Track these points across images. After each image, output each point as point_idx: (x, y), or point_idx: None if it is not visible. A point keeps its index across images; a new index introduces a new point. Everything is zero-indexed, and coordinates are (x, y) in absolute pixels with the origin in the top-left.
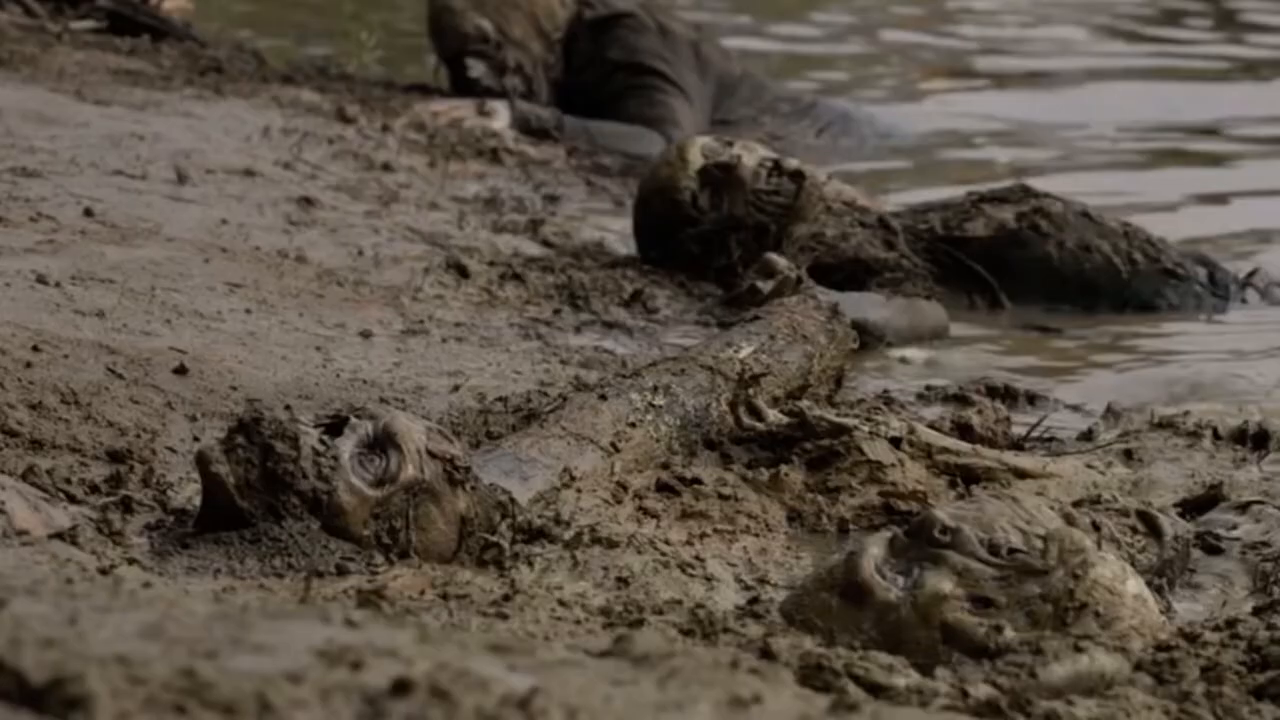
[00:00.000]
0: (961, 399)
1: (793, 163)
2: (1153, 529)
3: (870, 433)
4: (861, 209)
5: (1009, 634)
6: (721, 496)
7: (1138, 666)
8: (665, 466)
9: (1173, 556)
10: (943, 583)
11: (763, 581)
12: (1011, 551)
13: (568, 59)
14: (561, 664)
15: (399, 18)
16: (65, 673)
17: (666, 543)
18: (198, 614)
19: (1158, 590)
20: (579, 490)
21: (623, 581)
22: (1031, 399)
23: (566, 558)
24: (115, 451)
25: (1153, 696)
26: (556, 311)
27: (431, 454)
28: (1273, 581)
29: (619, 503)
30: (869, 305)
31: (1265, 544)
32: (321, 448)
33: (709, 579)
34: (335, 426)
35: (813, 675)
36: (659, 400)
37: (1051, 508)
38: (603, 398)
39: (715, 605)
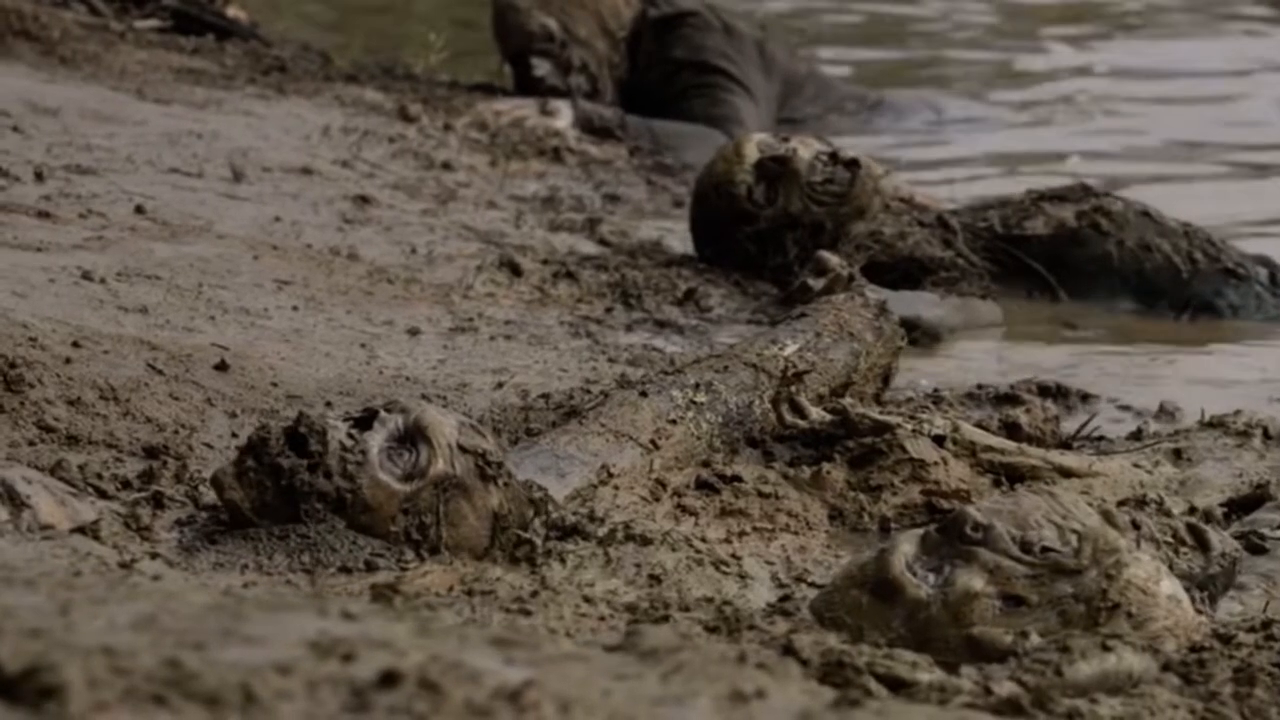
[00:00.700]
0: (1012, 398)
1: (849, 153)
2: (1201, 543)
3: (913, 431)
4: (920, 207)
5: (1034, 641)
6: (761, 494)
7: (1166, 667)
8: (706, 464)
9: (1218, 572)
10: (974, 580)
11: (800, 580)
12: (1045, 550)
13: (632, 58)
14: (565, 658)
15: (472, 16)
16: (41, 662)
17: (703, 540)
18: (194, 606)
19: (1201, 603)
20: (616, 487)
21: (655, 579)
22: (1084, 398)
23: (599, 555)
24: (152, 447)
25: (1180, 696)
26: (608, 310)
27: (463, 448)
28: None
29: (657, 500)
30: (923, 304)
31: None
32: (350, 442)
33: (743, 577)
34: (365, 420)
35: (834, 672)
36: (701, 397)
37: (1092, 505)
38: (643, 394)
39: (748, 603)
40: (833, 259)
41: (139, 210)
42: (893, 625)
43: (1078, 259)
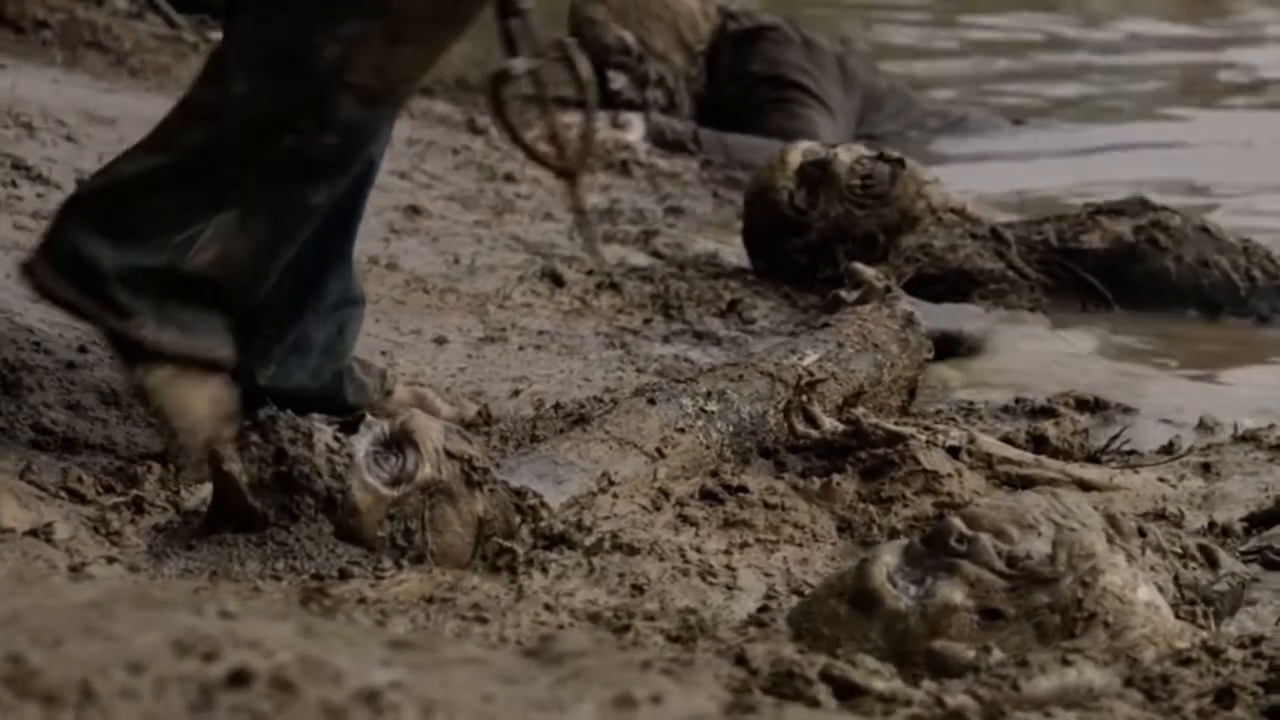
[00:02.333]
0: (1049, 412)
1: (894, 153)
2: (1211, 562)
3: (927, 442)
4: (972, 219)
5: (996, 656)
6: (768, 505)
7: (1128, 682)
8: (714, 474)
9: (1225, 591)
10: (955, 593)
11: (797, 593)
12: (1025, 558)
13: (711, 72)
14: (461, 662)
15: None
16: None
17: (698, 551)
18: (70, 603)
19: (1201, 616)
20: (616, 495)
21: (638, 589)
22: (1125, 411)
23: (583, 564)
24: (148, 453)
25: (1141, 711)
26: (647, 321)
27: (449, 454)
28: None
29: (658, 509)
30: (965, 318)
31: None
32: (336, 445)
33: (730, 588)
34: (351, 425)
35: (783, 681)
36: (711, 406)
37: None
38: (651, 402)
39: (732, 614)
40: (868, 271)
41: None
42: (870, 637)
43: (1135, 274)
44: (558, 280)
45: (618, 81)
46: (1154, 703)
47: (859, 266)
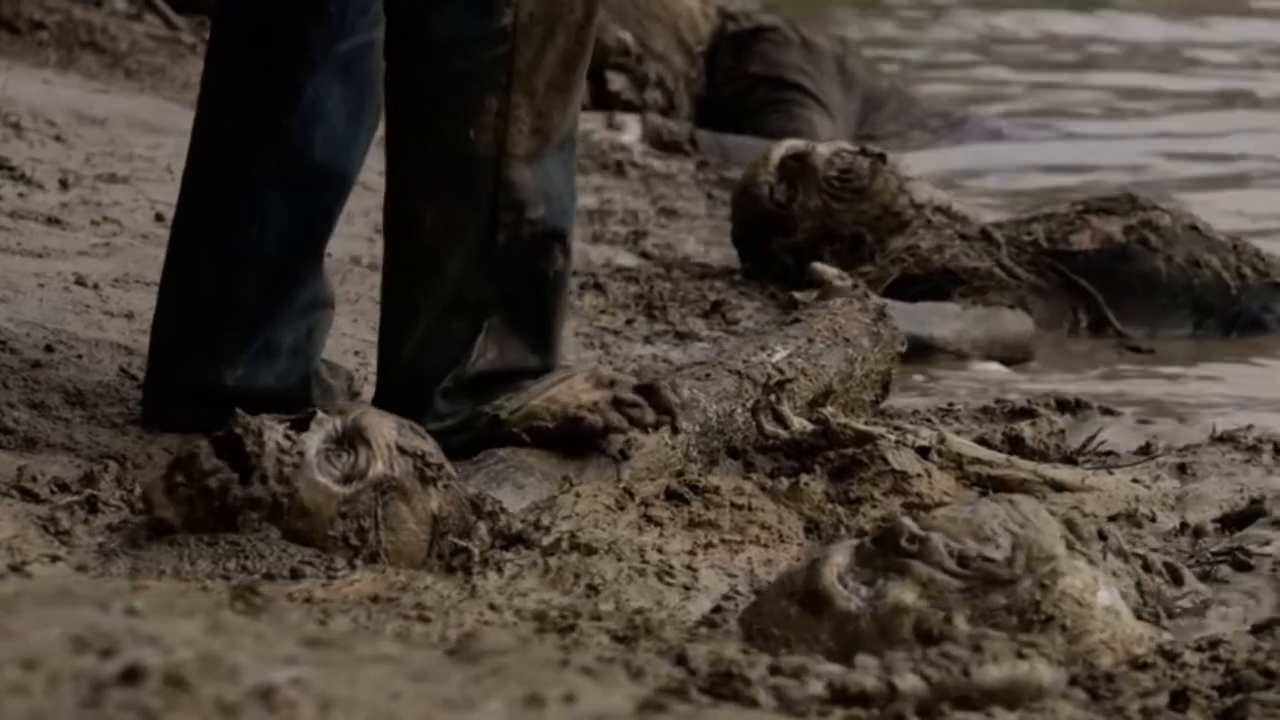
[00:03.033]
0: (1029, 413)
1: (876, 149)
2: (1175, 578)
3: (897, 442)
4: (960, 217)
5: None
6: (735, 506)
7: (1073, 682)
8: (680, 474)
9: (1189, 608)
10: (905, 594)
11: (759, 593)
12: (979, 559)
13: (710, 73)
14: (375, 659)
15: None
16: None
17: (660, 551)
18: None
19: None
20: (579, 495)
21: (593, 589)
22: (1106, 412)
23: (540, 564)
24: (110, 453)
25: (1084, 712)
26: (629, 321)
27: (402, 450)
28: None
29: (622, 510)
30: (940, 318)
31: None
32: (287, 443)
33: (688, 588)
34: (303, 422)
35: (721, 681)
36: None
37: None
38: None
39: (688, 614)
40: (829, 270)
41: (159, 218)
42: (820, 638)
43: (1125, 275)
44: None
45: (616, 82)
46: (1097, 702)
47: (819, 266)
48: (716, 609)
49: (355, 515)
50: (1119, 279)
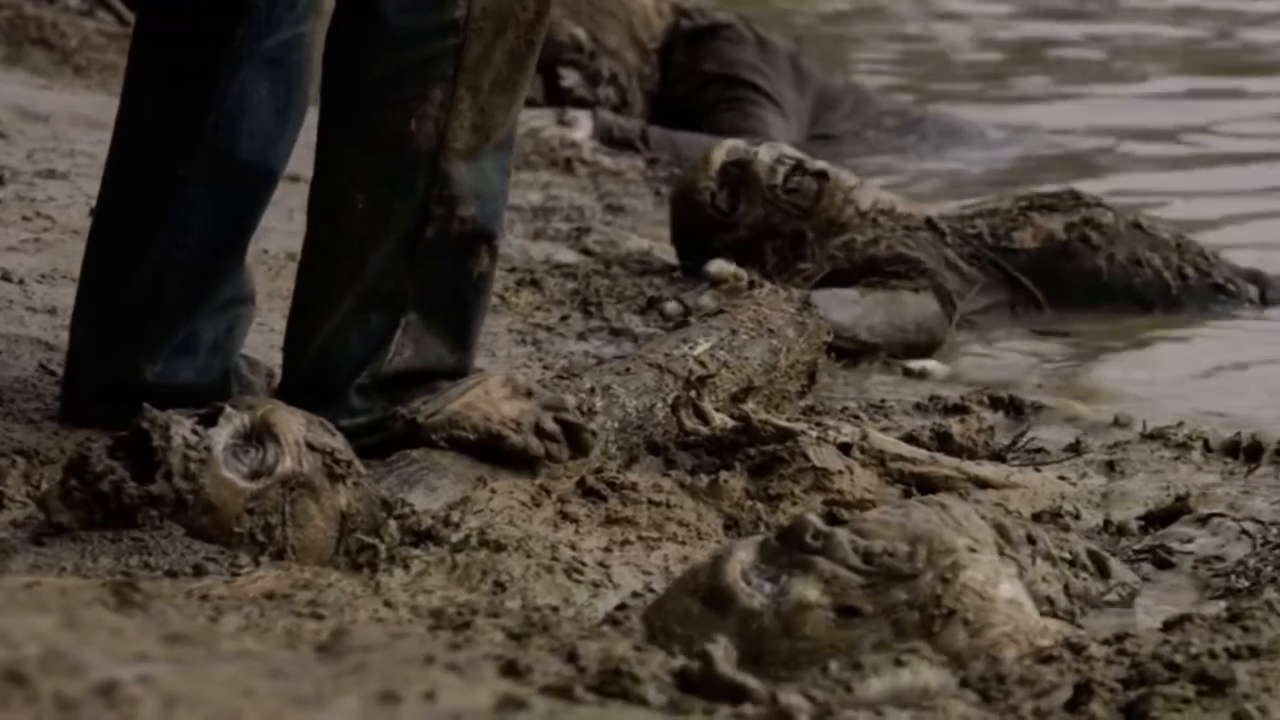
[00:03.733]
0: (961, 409)
1: (818, 164)
2: (1101, 570)
3: (818, 438)
4: (904, 217)
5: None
6: (652, 503)
7: (963, 683)
8: (598, 471)
9: (1116, 601)
10: (809, 591)
11: (664, 590)
12: (883, 554)
13: (664, 70)
14: (235, 656)
15: None
16: None
17: (573, 548)
18: None
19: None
20: (494, 491)
21: (499, 586)
22: (1038, 409)
23: (447, 560)
24: (24, 449)
25: (976, 710)
26: (564, 318)
27: (311, 446)
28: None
29: (538, 506)
30: (836, 303)
31: (1219, 558)
32: (194, 438)
33: (597, 585)
34: (211, 417)
35: (611, 679)
36: (596, 402)
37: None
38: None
39: (595, 611)
40: (727, 268)
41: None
42: (723, 636)
43: (1066, 273)
44: None
45: (569, 79)
46: (989, 703)
47: (718, 264)
48: (621, 606)
49: (262, 512)
50: (1061, 277)
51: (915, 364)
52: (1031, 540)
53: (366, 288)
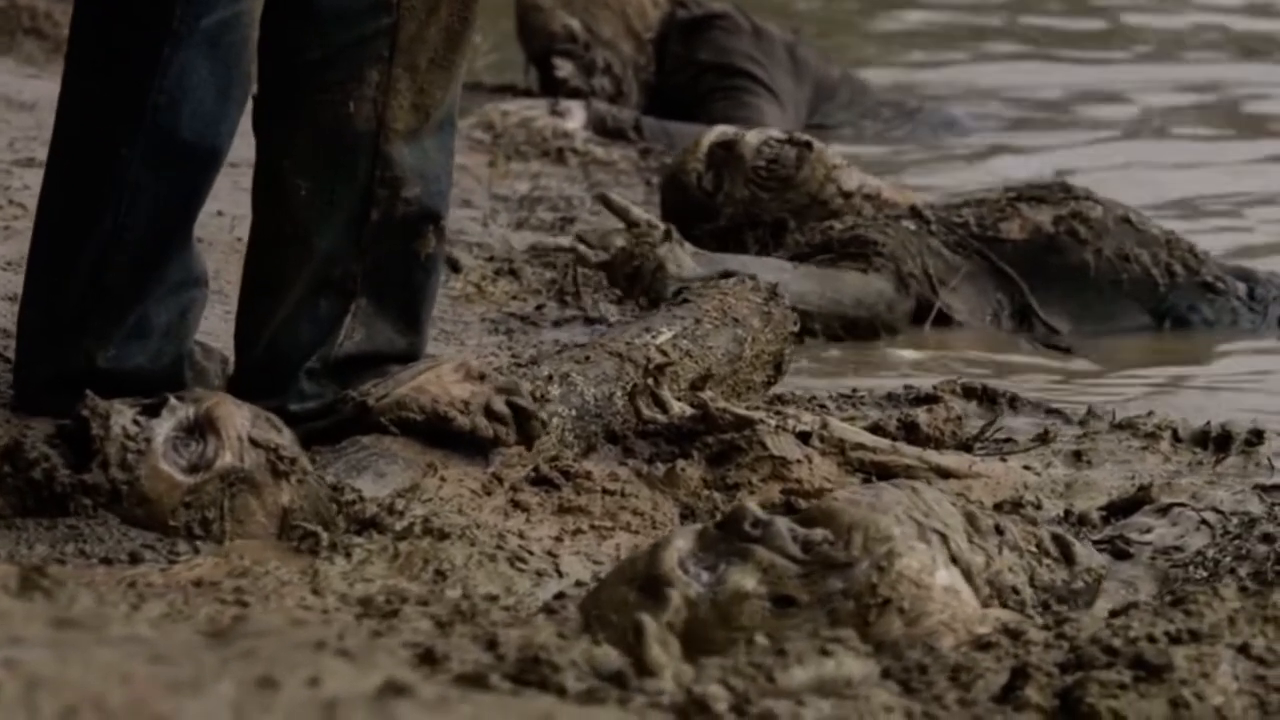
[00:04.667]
0: (933, 399)
1: (804, 137)
2: (1066, 556)
3: (777, 427)
4: (889, 204)
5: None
6: (607, 492)
7: (885, 674)
8: (553, 460)
9: (1081, 588)
10: (746, 580)
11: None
12: (822, 543)
13: (660, 60)
14: (121, 641)
15: None
16: None
17: (521, 537)
18: None
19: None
20: (444, 479)
21: (441, 574)
22: (1013, 401)
23: (389, 549)
24: None
25: (897, 698)
26: (539, 307)
27: (255, 442)
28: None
29: (489, 495)
30: (762, 268)
31: (1177, 548)
32: (134, 429)
33: (540, 574)
34: (155, 408)
35: (529, 668)
36: (552, 390)
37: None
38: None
39: (536, 600)
40: (616, 201)
41: None
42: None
43: (1053, 267)
44: (454, 266)
45: (564, 69)
46: (911, 694)
47: (608, 196)
48: (559, 595)
49: (199, 506)
50: (1047, 270)
51: (898, 352)
52: (999, 530)
53: (315, 274)
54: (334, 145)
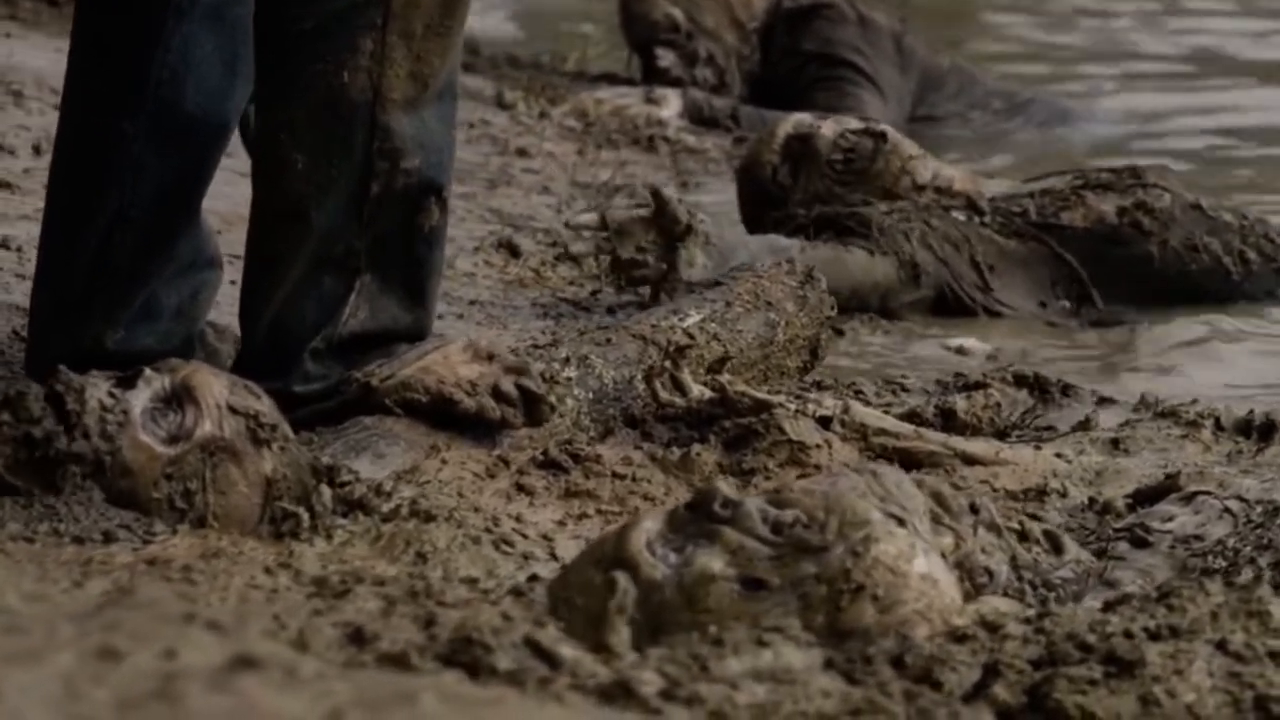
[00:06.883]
0: (982, 387)
1: (880, 126)
2: (1055, 547)
3: (796, 411)
4: (961, 195)
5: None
6: (617, 476)
7: (828, 664)
8: (567, 442)
9: (1069, 577)
10: (713, 562)
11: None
12: (794, 525)
13: (766, 50)
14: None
15: None
16: None
17: (517, 520)
18: None
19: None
20: (445, 461)
21: (422, 557)
22: (1066, 390)
23: (372, 531)
24: None
25: (835, 684)
26: (595, 293)
27: (233, 409)
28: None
29: (493, 477)
30: (763, 248)
31: (1198, 537)
32: (110, 401)
33: (526, 557)
34: (130, 379)
35: (461, 648)
36: (569, 372)
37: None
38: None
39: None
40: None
41: None
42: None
43: (1115, 258)
44: (514, 251)
45: (666, 59)
46: (855, 685)
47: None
48: (532, 578)
49: (181, 477)
50: (1109, 261)
51: (955, 341)
52: (974, 509)
53: (316, 251)
54: (329, 117)
